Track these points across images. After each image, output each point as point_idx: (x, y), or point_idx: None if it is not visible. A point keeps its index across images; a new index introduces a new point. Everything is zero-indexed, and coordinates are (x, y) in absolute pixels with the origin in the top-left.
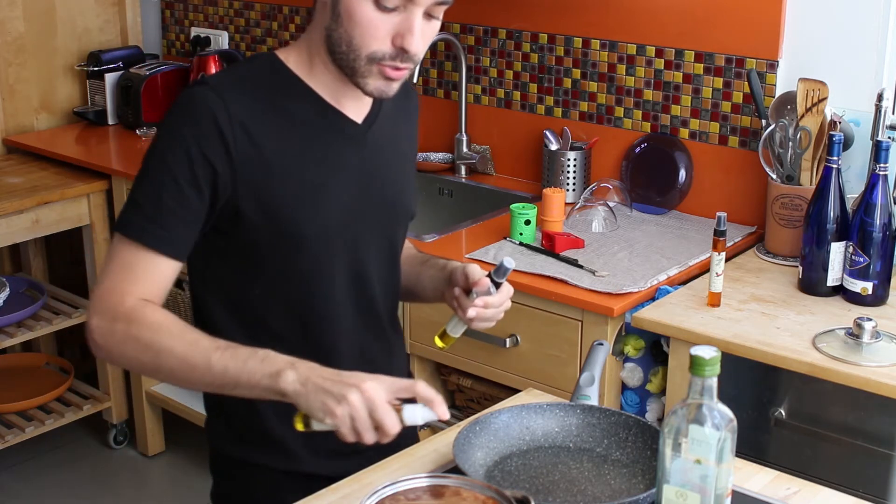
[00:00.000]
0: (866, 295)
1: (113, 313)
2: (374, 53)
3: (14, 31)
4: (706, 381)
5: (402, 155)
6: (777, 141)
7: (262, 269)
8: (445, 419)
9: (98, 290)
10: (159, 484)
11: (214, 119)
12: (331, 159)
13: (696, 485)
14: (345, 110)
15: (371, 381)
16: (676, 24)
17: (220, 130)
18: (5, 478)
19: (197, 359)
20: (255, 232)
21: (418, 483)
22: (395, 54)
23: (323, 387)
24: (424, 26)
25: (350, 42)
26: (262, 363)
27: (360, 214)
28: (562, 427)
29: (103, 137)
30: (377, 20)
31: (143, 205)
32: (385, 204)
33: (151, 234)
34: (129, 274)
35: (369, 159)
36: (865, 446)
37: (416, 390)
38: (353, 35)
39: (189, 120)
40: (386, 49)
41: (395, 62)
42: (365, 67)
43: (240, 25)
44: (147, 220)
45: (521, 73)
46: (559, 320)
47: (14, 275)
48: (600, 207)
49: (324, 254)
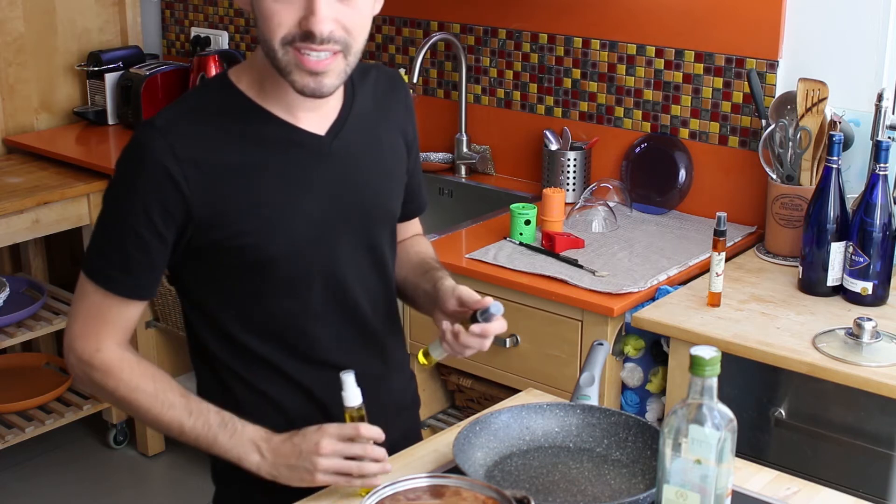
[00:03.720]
0: (866, 295)
1: (89, 361)
2: (284, 38)
3: (14, 31)
4: (706, 381)
5: (382, 155)
6: (777, 141)
7: (234, 293)
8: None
9: (72, 331)
10: (159, 484)
11: (164, 168)
12: (293, 178)
13: (696, 485)
14: (302, 124)
15: (322, 438)
16: (676, 24)
17: (171, 177)
18: (5, 478)
19: (172, 424)
20: (221, 260)
21: (418, 483)
22: (304, 36)
23: (289, 464)
24: (337, 6)
25: (264, 38)
26: (230, 439)
27: (332, 227)
28: (562, 427)
29: (103, 137)
30: (279, 7)
31: (108, 254)
32: (360, 212)
33: (120, 282)
34: (100, 320)
35: (338, 170)
36: (865, 446)
37: (360, 433)
38: (265, 30)
39: (139, 170)
40: (294, 32)
41: (307, 44)
42: (283, 59)
43: (240, 25)
44: (114, 269)
45: (521, 73)
46: (559, 320)
47: (14, 275)
48: (600, 207)
49: (295, 272)
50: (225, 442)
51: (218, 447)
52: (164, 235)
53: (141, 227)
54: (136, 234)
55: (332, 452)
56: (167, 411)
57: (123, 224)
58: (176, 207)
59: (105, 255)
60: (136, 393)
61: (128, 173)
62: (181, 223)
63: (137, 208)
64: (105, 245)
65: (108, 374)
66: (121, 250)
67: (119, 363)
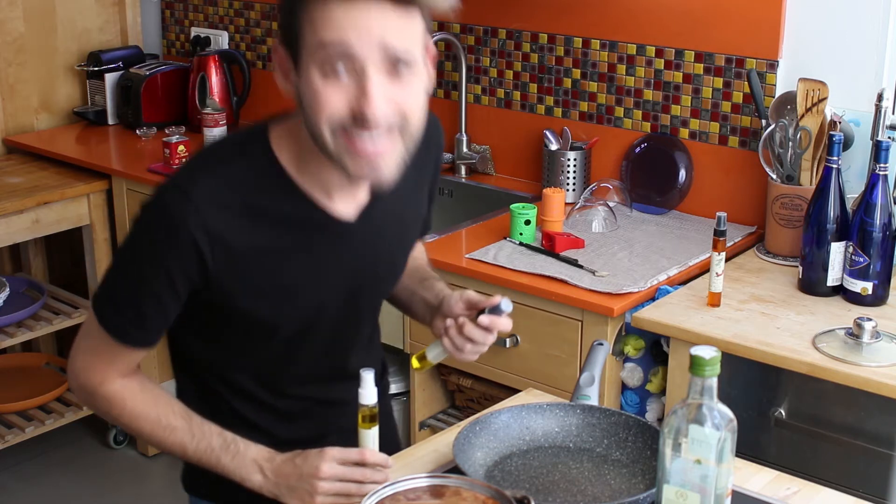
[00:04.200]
0: (866, 295)
1: (92, 392)
2: (333, 123)
3: (14, 31)
4: (706, 381)
5: (405, 228)
6: (777, 141)
7: (221, 335)
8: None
9: (77, 362)
10: (159, 484)
11: (193, 241)
12: (316, 261)
13: (696, 485)
14: (335, 205)
15: (323, 462)
16: (676, 24)
17: (199, 250)
18: (5, 478)
19: (175, 448)
20: (223, 314)
21: (418, 483)
22: (356, 121)
23: (289, 485)
24: (390, 87)
25: (314, 124)
26: (232, 461)
27: (342, 299)
28: (562, 427)
29: (103, 137)
30: (329, 91)
31: (123, 309)
32: (374, 283)
33: (133, 336)
34: (107, 361)
35: (360, 251)
36: (865, 446)
37: (365, 458)
38: (313, 115)
39: (167, 238)
40: (346, 118)
41: (359, 130)
42: (333, 145)
43: (240, 25)
44: (130, 325)
45: (521, 73)
46: (559, 320)
47: (14, 275)
48: (600, 207)
49: (294, 335)
50: (228, 463)
51: (221, 468)
52: (180, 294)
53: (161, 289)
54: (155, 296)
55: (332, 477)
56: (169, 435)
57: (143, 284)
58: (198, 275)
59: (121, 309)
60: (140, 420)
61: (155, 240)
62: (198, 286)
63: (160, 273)
64: (122, 300)
65: (112, 404)
66: (137, 307)
67: (122, 393)
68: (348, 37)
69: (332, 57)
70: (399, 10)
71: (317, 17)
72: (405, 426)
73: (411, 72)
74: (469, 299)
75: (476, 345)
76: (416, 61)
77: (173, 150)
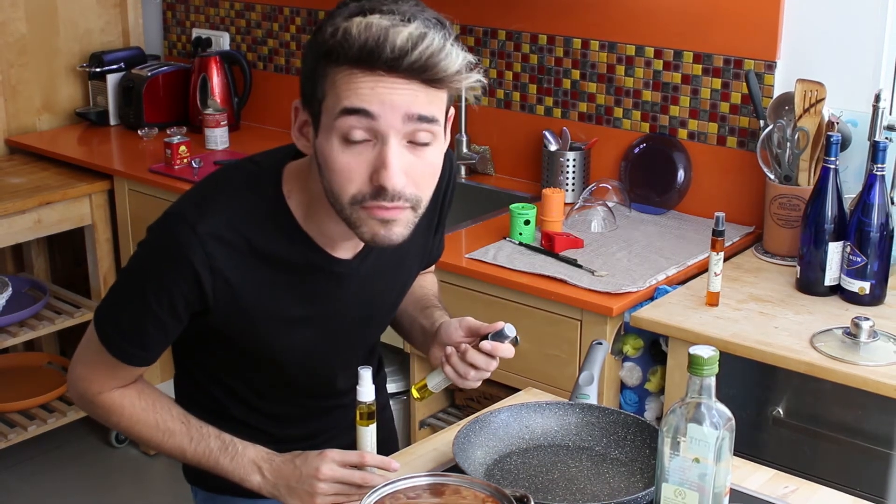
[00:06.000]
0: (864, 294)
1: (91, 400)
2: (354, 197)
3: (16, 32)
4: (704, 380)
5: (406, 265)
6: (775, 141)
7: (217, 355)
8: (395, 469)
9: (77, 371)
10: (160, 483)
11: (197, 275)
12: (315, 299)
13: (695, 483)
14: (337, 252)
15: (322, 463)
16: (675, 24)
17: (202, 284)
18: (7, 477)
19: (174, 451)
20: (224, 341)
21: (418, 481)
22: (376, 193)
23: (289, 485)
24: (409, 157)
25: (331, 190)
26: (231, 462)
27: (339, 336)
28: (561, 426)
29: (105, 138)
30: (349, 159)
31: (125, 329)
32: (373, 321)
33: (134, 355)
34: (107, 374)
35: (359, 289)
36: (863, 445)
37: (365, 461)
38: (332, 182)
39: (172, 269)
40: (365, 190)
41: (378, 202)
42: (353, 215)
43: (241, 26)
44: (131, 345)
45: (520, 73)
46: (559, 320)
47: (16, 274)
48: (599, 207)
49: (288, 366)
50: (226, 465)
51: (220, 470)
52: (182, 318)
53: (163, 313)
54: (158, 319)
55: (331, 478)
56: (168, 439)
57: (146, 308)
58: (200, 304)
59: (123, 330)
60: (139, 426)
61: (161, 268)
62: (199, 312)
63: (163, 299)
64: (124, 321)
65: (110, 411)
66: (139, 328)
67: (120, 401)
68: (373, 109)
69: (355, 126)
70: (428, 87)
71: (341, 84)
72: (405, 425)
73: (432, 136)
74: (469, 326)
75: (479, 371)
76: (439, 129)
77: (175, 151)
